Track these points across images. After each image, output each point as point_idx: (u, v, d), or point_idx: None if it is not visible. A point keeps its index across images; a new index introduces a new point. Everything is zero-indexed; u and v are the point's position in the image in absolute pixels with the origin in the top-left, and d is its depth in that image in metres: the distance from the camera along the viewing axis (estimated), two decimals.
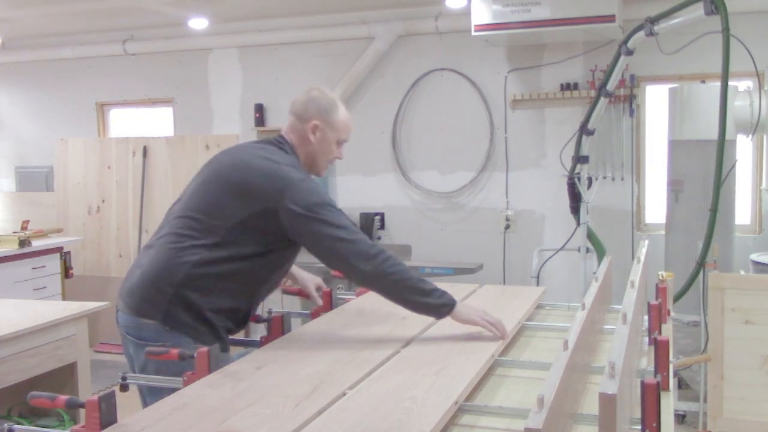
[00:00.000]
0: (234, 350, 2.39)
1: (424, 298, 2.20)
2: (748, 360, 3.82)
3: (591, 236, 4.87)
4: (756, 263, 4.50)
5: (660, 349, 1.92)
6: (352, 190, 6.07)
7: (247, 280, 2.29)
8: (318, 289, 2.72)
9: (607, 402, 1.21)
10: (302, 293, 2.74)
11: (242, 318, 2.36)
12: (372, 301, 2.59)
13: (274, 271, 2.38)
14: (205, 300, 2.20)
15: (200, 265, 2.17)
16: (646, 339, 2.40)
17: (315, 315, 2.65)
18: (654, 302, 2.33)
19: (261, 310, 2.48)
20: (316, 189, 2.21)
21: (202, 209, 2.23)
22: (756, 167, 5.16)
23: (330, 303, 2.72)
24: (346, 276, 2.32)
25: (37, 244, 5.46)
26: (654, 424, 1.51)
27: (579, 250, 4.89)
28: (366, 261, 2.15)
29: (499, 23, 4.95)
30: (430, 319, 2.43)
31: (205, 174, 2.33)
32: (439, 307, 2.22)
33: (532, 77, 5.50)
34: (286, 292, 2.77)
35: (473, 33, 5.04)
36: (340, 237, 2.15)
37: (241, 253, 2.21)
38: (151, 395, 2.13)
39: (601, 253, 4.77)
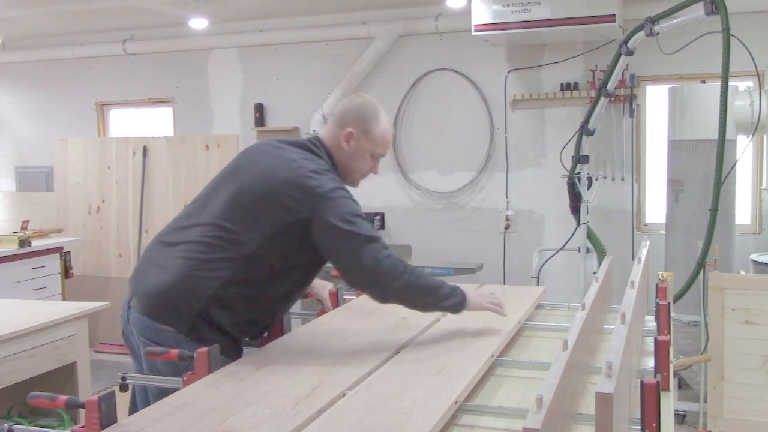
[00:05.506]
0: None
1: (441, 302, 2.23)
2: (748, 360, 3.82)
3: (591, 236, 4.87)
4: (756, 263, 4.50)
5: (660, 349, 1.92)
6: (352, 190, 6.04)
7: (272, 297, 2.25)
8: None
9: (604, 401, 1.21)
10: (308, 295, 2.72)
11: (262, 329, 2.34)
12: (372, 300, 2.59)
13: (299, 288, 2.35)
14: (230, 314, 2.16)
15: (229, 282, 2.12)
16: (649, 339, 2.40)
17: (321, 315, 2.66)
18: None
19: None
20: (347, 200, 2.15)
21: (231, 219, 2.13)
22: (756, 167, 5.15)
23: (336, 302, 2.72)
24: (366, 291, 2.23)
25: (37, 244, 5.46)
26: (654, 424, 1.51)
27: (579, 250, 4.89)
28: (393, 280, 2.12)
29: (499, 23, 4.95)
30: (431, 319, 2.45)
31: (233, 181, 2.21)
32: (455, 305, 2.26)
33: (532, 77, 5.50)
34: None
35: (473, 33, 5.03)
36: (368, 252, 2.09)
37: (269, 270, 2.16)
38: (151, 395, 2.13)
39: (601, 253, 4.76)
